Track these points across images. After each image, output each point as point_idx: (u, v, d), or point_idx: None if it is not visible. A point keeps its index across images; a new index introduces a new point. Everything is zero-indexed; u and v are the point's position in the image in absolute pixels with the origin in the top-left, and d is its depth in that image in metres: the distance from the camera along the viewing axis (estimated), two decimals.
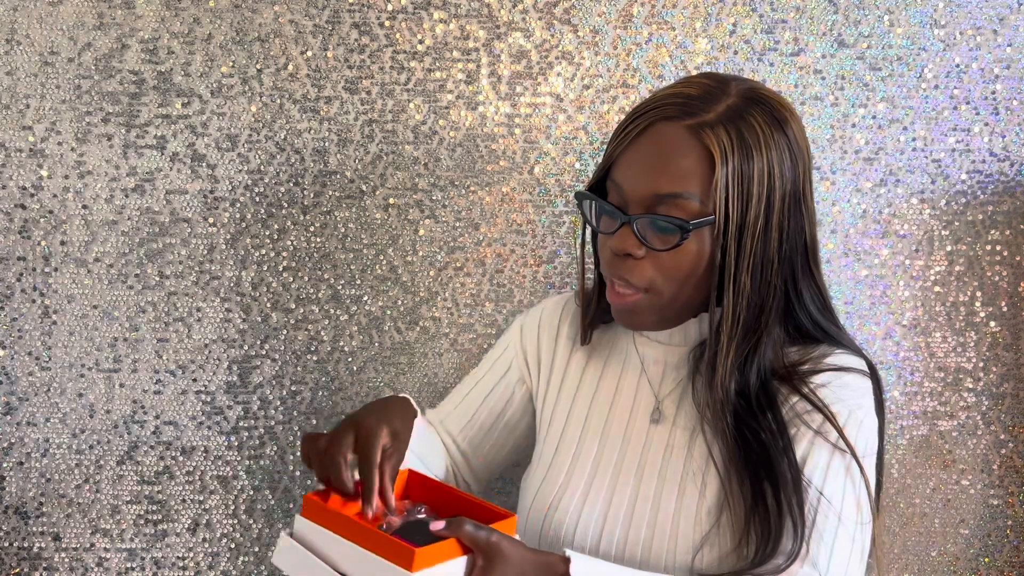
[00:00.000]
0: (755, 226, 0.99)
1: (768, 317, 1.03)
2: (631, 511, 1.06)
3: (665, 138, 1.00)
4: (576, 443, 1.13)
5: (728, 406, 1.02)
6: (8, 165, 1.34)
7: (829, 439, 1.01)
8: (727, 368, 1.02)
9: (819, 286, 1.08)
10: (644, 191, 1.00)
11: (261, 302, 1.40)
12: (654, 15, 1.41)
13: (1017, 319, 1.49)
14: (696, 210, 0.99)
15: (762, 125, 1.00)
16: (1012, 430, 1.50)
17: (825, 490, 0.99)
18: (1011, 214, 1.47)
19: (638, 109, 1.04)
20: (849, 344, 1.10)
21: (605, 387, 1.15)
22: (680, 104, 1.01)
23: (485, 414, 1.23)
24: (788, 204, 1.02)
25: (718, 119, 0.99)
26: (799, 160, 1.03)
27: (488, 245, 1.43)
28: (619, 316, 1.07)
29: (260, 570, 1.44)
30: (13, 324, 1.37)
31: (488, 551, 0.92)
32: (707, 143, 0.98)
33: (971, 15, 1.44)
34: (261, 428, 1.42)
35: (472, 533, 0.91)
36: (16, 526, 1.40)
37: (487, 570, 0.92)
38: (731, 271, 1.00)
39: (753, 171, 0.99)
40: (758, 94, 1.03)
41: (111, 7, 1.34)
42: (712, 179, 0.98)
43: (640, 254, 1.01)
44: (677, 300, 1.04)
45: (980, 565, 1.51)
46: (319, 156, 1.39)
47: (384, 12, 1.38)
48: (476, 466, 1.25)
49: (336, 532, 0.92)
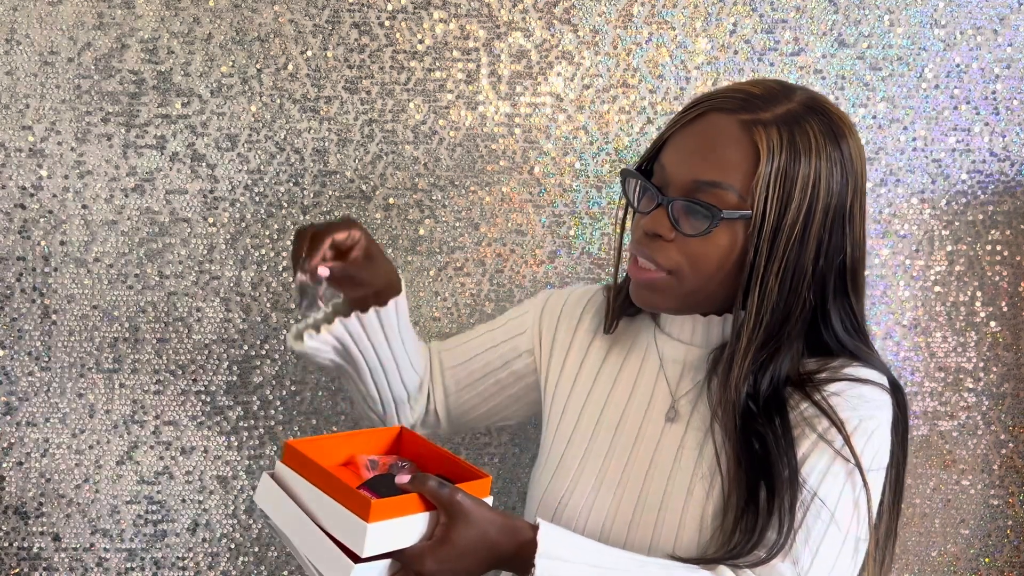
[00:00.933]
0: (791, 232, 0.99)
1: (792, 328, 1.02)
2: (638, 510, 1.06)
3: (716, 128, 1.01)
4: (589, 438, 1.13)
5: (738, 408, 1.02)
6: (8, 165, 1.34)
7: (833, 445, 1.00)
8: (743, 370, 1.01)
9: (853, 310, 1.07)
10: (685, 175, 1.01)
11: (261, 302, 1.40)
12: (654, 15, 1.41)
13: (1017, 319, 1.49)
14: (733, 202, 0.99)
15: (817, 134, 1.00)
16: (1012, 430, 1.50)
17: (821, 492, 0.98)
18: (1011, 214, 1.47)
19: (698, 98, 1.05)
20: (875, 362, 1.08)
21: (622, 382, 1.15)
22: (740, 99, 1.01)
23: (482, 363, 1.22)
24: (831, 218, 1.01)
25: (774, 119, 0.99)
26: (850, 178, 1.02)
27: (488, 245, 1.43)
28: (636, 292, 1.06)
29: (260, 570, 1.44)
30: (13, 324, 1.37)
31: (450, 509, 0.91)
32: (756, 139, 0.98)
33: (971, 15, 1.44)
34: (261, 428, 1.42)
35: (435, 490, 0.91)
36: (16, 526, 1.40)
37: (448, 528, 0.91)
38: (759, 272, 1.00)
39: (798, 176, 0.99)
40: (820, 105, 1.03)
41: (111, 7, 1.34)
42: (754, 176, 0.98)
43: (670, 236, 1.02)
44: (698, 292, 1.04)
45: (980, 565, 1.51)
46: (319, 156, 1.39)
47: (384, 12, 1.38)
48: (452, 404, 1.24)
49: (308, 479, 0.94)
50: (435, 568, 0.91)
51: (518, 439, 1.46)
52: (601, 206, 1.43)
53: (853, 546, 0.99)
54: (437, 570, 0.91)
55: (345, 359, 1.14)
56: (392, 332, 1.14)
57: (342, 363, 1.15)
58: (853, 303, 1.07)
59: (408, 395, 1.20)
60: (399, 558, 0.92)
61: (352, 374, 1.16)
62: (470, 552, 0.92)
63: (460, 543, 0.91)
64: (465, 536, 0.91)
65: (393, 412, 1.20)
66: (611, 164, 1.43)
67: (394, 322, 1.13)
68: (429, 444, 1.04)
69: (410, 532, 0.92)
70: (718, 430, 1.04)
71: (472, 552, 0.92)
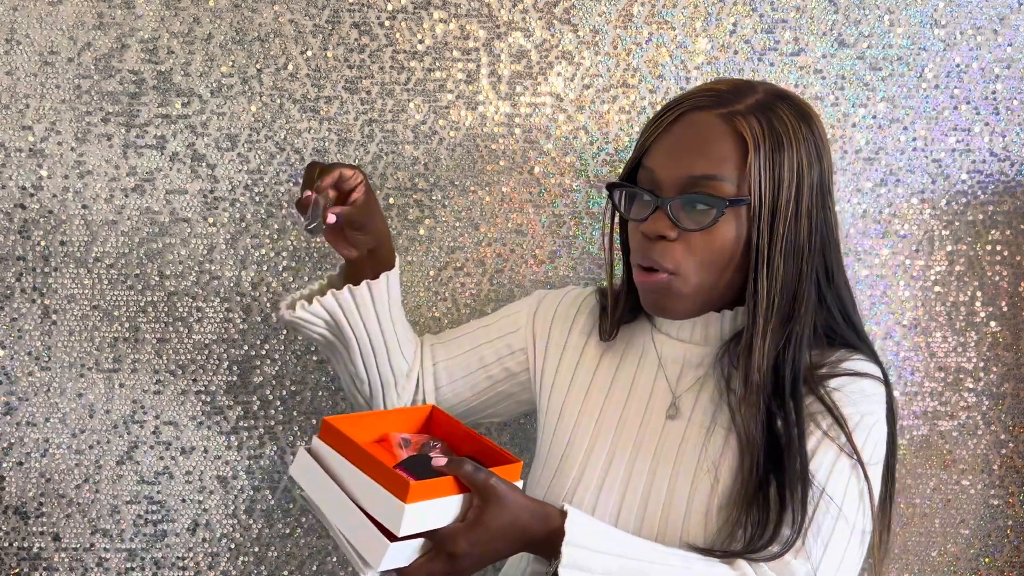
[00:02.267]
0: (786, 211, 1.02)
1: (802, 306, 1.05)
2: (644, 504, 1.07)
3: (699, 125, 1.04)
4: (589, 437, 1.14)
5: (764, 391, 1.03)
6: (8, 165, 1.34)
7: (837, 441, 1.02)
8: (764, 352, 1.03)
9: (847, 283, 1.11)
10: (679, 174, 1.03)
11: (261, 302, 1.40)
12: (654, 15, 1.41)
13: (1017, 319, 1.48)
14: (730, 192, 1.02)
15: (790, 118, 1.04)
16: (1012, 430, 1.50)
17: (828, 487, 1.00)
18: (1011, 214, 1.47)
19: (669, 104, 1.08)
20: (869, 351, 1.11)
21: (620, 382, 1.16)
22: (712, 96, 1.05)
23: (476, 358, 1.24)
24: (816, 195, 1.05)
25: (748, 110, 1.04)
26: (824, 156, 1.07)
27: (488, 245, 1.43)
28: (647, 299, 1.08)
29: (260, 570, 1.44)
30: (13, 324, 1.37)
31: (485, 493, 0.94)
32: (740, 129, 1.02)
33: (971, 15, 1.44)
34: (261, 428, 1.42)
35: (471, 473, 0.94)
36: (16, 526, 1.40)
37: (481, 511, 0.94)
38: (764, 254, 1.03)
39: (783, 159, 1.03)
40: (783, 92, 1.08)
41: (111, 7, 1.34)
42: (745, 164, 1.02)
43: (673, 236, 1.04)
44: (709, 288, 1.06)
45: (980, 565, 1.51)
46: (319, 156, 1.39)
47: (384, 12, 1.38)
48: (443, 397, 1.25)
49: (346, 456, 0.96)
50: (467, 549, 0.94)
51: (518, 439, 1.46)
52: (601, 206, 1.43)
53: (860, 539, 1.02)
54: (469, 551, 0.94)
55: (336, 334, 1.16)
56: (383, 310, 1.17)
57: (333, 339, 1.17)
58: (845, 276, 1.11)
59: (395, 379, 1.21)
60: (432, 538, 0.95)
61: (342, 350, 1.18)
62: (501, 535, 0.95)
63: (493, 526, 0.94)
64: (498, 519, 0.94)
65: (380, 394, 1.22)
66: (611, 164, 1.43)
67: (385, 299, 1.16)
68: (459, 424, 1.07)
69: (444, 513, 0.94)
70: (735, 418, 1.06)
71: (503, 535, 0.95)
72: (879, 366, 1.10)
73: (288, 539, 1.43)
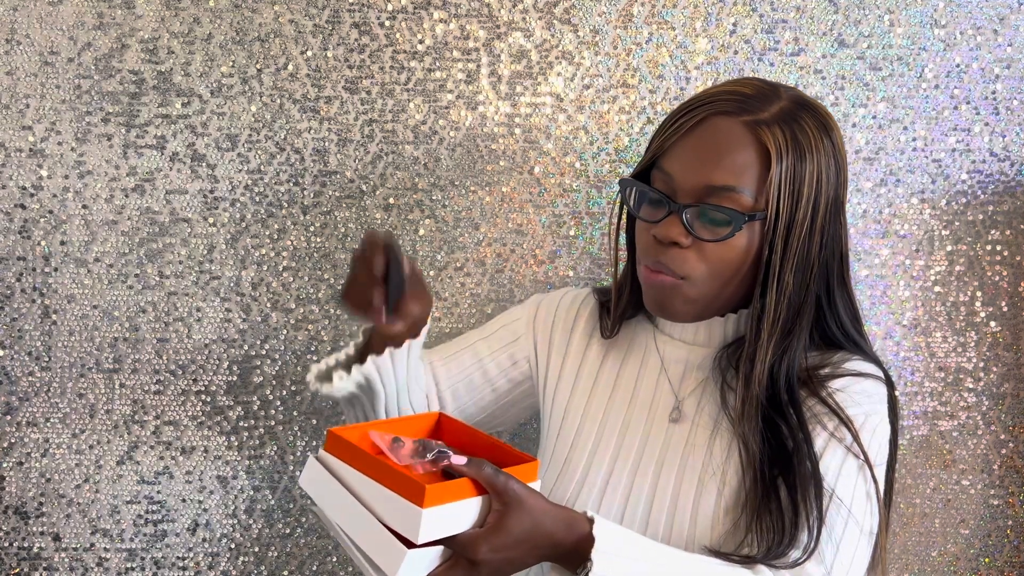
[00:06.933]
0: (802, 226, 1.01)
1: (803, 320, 1.04)
2: (648, 508, 1.06)
3: (721, 132, 1.01)
4: (593, 440, 1.13)
5: (761, 401, 1.03)
6: (8, 165, 1.34)
7: (844, 442, 1.02)
8: (765, 364, 1.03)
9: (851, 297, 1.10)
10: (697, 181, 1.01)
11: (261, 302, 1.40)
12: (654, 15, 1.41)
13: (1017, 319, 1.48)
14: (748, 204, 1.00)
15: (813, 129, 1.02)
16: (1012, 430, 1.50)
17: (837, 489, 1.00)
18: (1011, 214, 1.47)
19: (690, 103, 1.05)
20: (869, 353, 1.11)
21: (623, 384, 1.15)
22: (736, 101, 1.02)
23: (480, 374, 1.21)
24: (830, 209, 1.04)
25: (773, 118, 1.01)
26: (841, 168, 1.05)
27: (488, 245, 1.43)
28: (651, 298, 1.06)
29: (260, 570, 1.44)
30: (13, 324, 1.37)
31: (505, 496, 0.90)
32: (764, 140, 1.00)
33: (971, 15, 1.44)
34: (261, 428, 1.42)
35: (491, 476, 0.90)
36: (16, 526, 1.40)
37: (502, 516, 0.90)
38: (776, 269, 1.01)
39: (805, 172, 1.01)
40: (806, 100, 1.05)
41: (111, 7, 1.34)
42: (766, 176, 1.00)
43: (686, 243, 1.02)
44: (717, 295, 1.05)
45: (980, 565, 1.51)
46: (319, 156, 1.39)
47: (384, 12, 1.38)
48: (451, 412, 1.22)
49: (355, 467, 0.93)
50: (489, 556, 0.89)
51: (518, 440, 1.46)
52: (601, 206, 1.43)
53: (868, 539, 1.01)
54: (491, 558, 0.89)
55: (365, 392, 1.11)
56: (415, 359, 1.12)
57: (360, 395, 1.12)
58: (850, 289, 1.10)
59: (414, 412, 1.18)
60: (451, 545, 0.90)
61: (366, 402, 1.13)
62: (523, 541, 0.90)
63: (514, 531, 0.90)
64: (519, 524, 0.90)
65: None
66: (611, 164, 1.43)
67: (418, 349, 1.11)
68: (469, 428, 1.03)
69: (463, 518, 0.90)
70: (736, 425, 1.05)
71: (526, 541, 0.90)
72: (880, 367, 1.10)
73: (288, 539, 1.43)
